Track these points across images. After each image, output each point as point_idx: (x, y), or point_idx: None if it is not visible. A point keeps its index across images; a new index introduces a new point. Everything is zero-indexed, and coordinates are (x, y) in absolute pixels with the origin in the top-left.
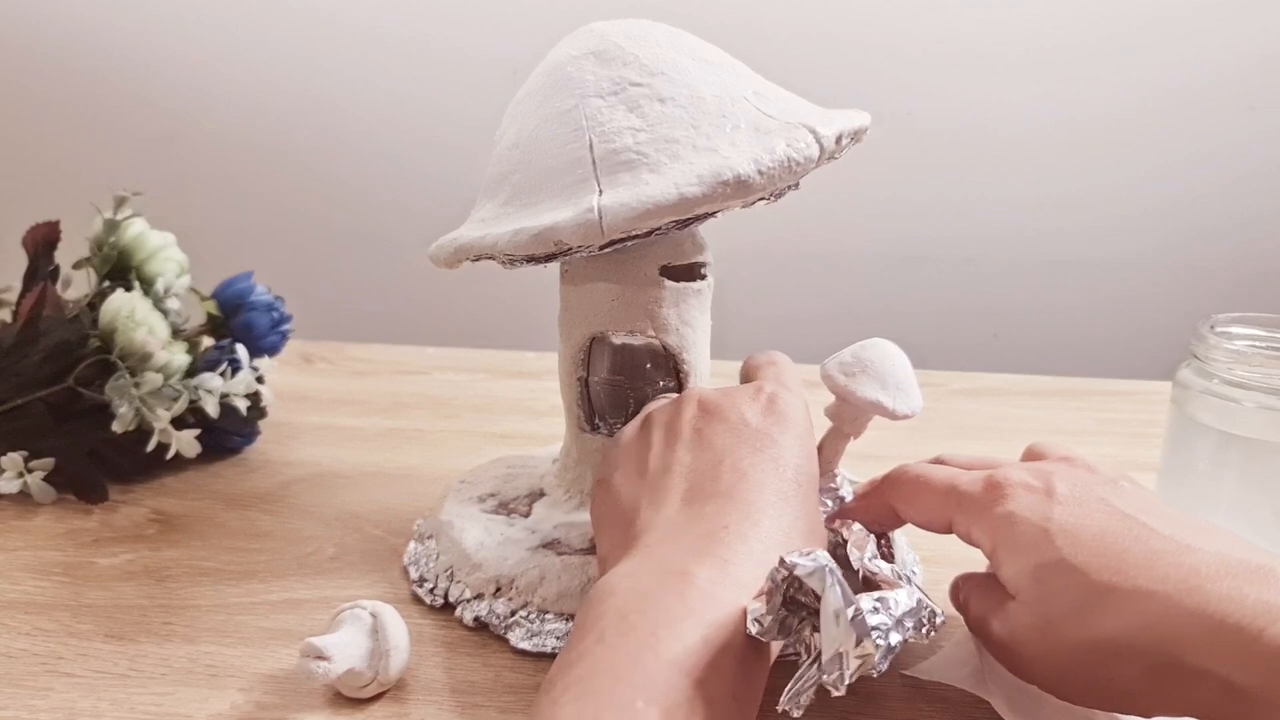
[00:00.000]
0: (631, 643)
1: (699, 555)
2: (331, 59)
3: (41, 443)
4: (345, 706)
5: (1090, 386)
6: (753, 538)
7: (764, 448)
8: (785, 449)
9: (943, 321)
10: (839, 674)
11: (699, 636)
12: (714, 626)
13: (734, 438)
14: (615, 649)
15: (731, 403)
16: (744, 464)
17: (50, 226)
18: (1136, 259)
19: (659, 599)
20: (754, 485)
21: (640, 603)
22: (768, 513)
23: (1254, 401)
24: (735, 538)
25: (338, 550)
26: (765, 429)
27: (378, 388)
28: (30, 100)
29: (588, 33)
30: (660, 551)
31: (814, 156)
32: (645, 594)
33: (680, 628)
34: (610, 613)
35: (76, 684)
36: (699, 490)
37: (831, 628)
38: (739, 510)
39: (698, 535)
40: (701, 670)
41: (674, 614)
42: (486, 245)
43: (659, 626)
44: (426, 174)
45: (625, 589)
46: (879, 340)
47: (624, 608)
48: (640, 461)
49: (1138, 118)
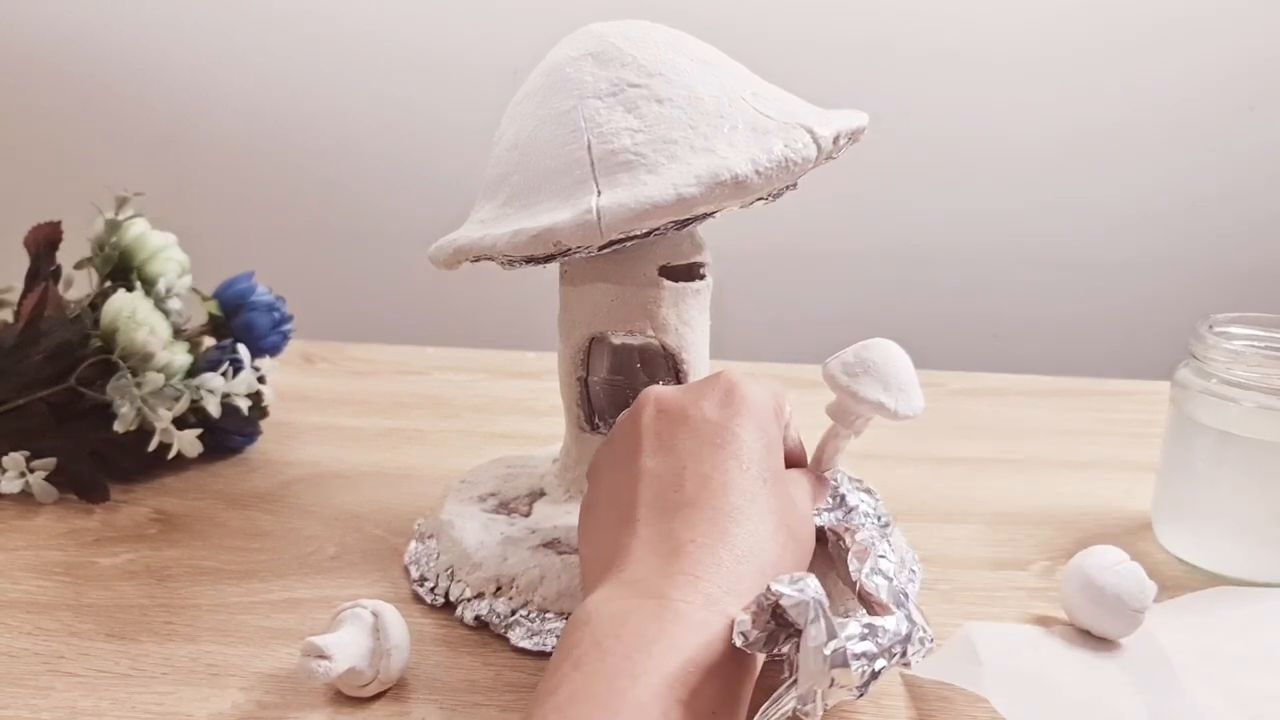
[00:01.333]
0: (607, 668)
1: (669, 575)
2: (331, 60)
3: (43, 442)
4: (346, 705)
5: (1090, 386)
6: (721, 549)
7: (725, 444)
8: (746, 443)
9: (943, 321)
10: (814, 705)
11: (675, 658)
12: (689, 647)
13: (694, 439)
14: (591, 676)
15: (690, 399)
16: (705, 467)
17: (52, 227)
18: (1136, 259)
19: (633, 623)
20: (718, 489)
21: (615, 628)
22: (734, 518)
23: (1252, 401)
24: (703, 551)
25: (338, 550)
26: (725, 423)
27: (378, 388)
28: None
29: (586, 34)
30: (631, 574)
31: (811, 157)
32: (619, 619)
33: (655, 650)
34: (586, 640)
35: (78, 683)
36: (665, 502)
37: (810, 663)
38: (705, 520)
39: (666, 553)
40: (679, 692)
41: (648, 637)
42: (486, 246)
43: (634, 651)
44: (426, 175)
45: (599, 615)
46: (882, 340)
47: (599, 634)
48: (610, 479)
49: (1137, 118)
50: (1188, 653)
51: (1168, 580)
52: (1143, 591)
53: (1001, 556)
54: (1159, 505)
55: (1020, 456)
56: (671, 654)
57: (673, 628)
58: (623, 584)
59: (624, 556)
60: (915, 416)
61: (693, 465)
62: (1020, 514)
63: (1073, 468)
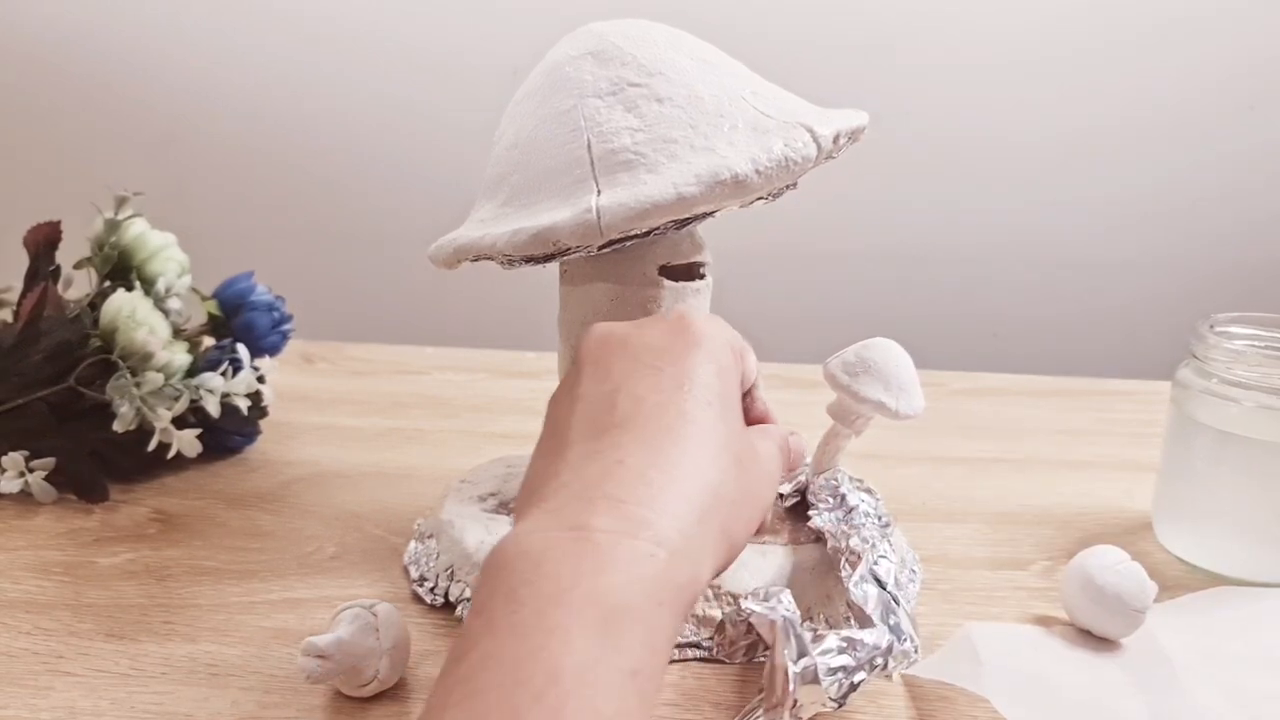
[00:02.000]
0: (518, 625)
1: (592, 502)
2: (331, 60)
3: (42, 442)
4: (345, 706)
5: (1090, 386)
6: (651, 470)
7: (664, 366)
8: (693, 365)
9: (943, 321)
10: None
11: (591, 606)
12: (608, 590)
13: (632, 361)
14: (502, 637)
15: (635, 327)
16: (641, 388)
17: (51, 226)
18: (1136, 259)
19: (548, 566)
20: (652, 409)
21: (529, 573)
22: (669, 437)
23: (1253, 401)
24: (632, 475)
25: (338, 550)
26: (668, 347)
27: (378, 388)
28: (31, 101)
29: (586, 33)
30: (552, 504)
31: (811, 156)
32: (535, 561)
33: (569, 598)
34: (499, 589)
35: (77, 683)
36: (594, 425)
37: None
38: (634, 440)
39: (591, 477)
40: (595, 649)
41: (564, 583)
42: (485, 245)
43: (548, 603)
44: (426, 175)
45: (514, 556)
46: (882, 340)
47: (513, 580)
48: (551, 411)
49: (1138, 117)
50: (1188, 653)
51: (1168, 580)
52: (1143, 591)
53: (1001, 556)
54: (1159, 505)
55: (1020, 456)
56: (590, 602)
57: (591, 568)
58: (543, 514)
59: (549, 484)
60: (916, 416)
61: (627, 387)
62: (1020, 514)
63: (1073, 468)
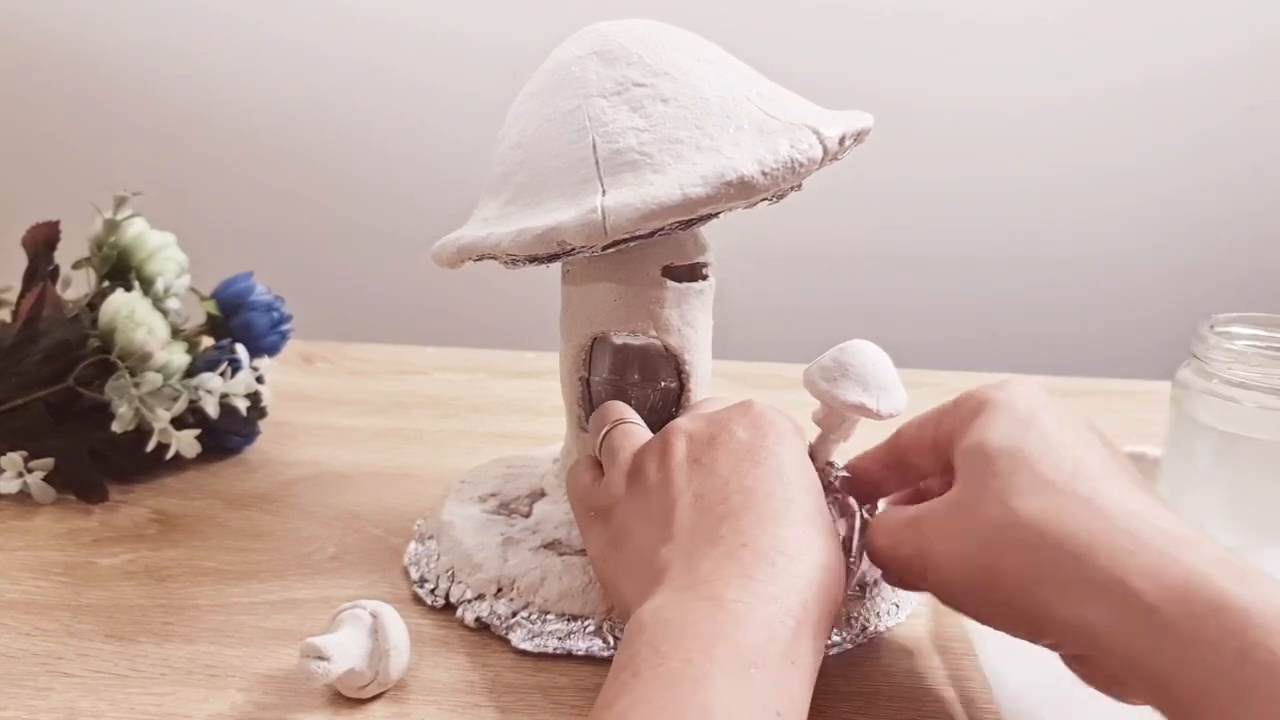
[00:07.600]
0: (665, 673)
1: (723, 577)
2: (332, 59)
3: (41, 442)
4: (345, 707)
5: (1090, 386)
6: (772, 551)
7: (763, 460)
8: (784, 459)
9: (942, 320)
10: None
11: (736, 659)
12: (748, 646)
13: (732, 458)
14: (650, 681)
15: (720, 427)
16: (748, 480)
17: (50, 226)
18: (1136, 259)
19: (690, 626)
20: (762, 499)
21: (671, 633)
22: (781, 523)
23: (1254, 401)
24: (755, 555)
25: (338, 550)
26: (759, 442)
27: (377, 388)
28: (30, 100)
29: (591, 33)
30: (684, 581)
31: (817, 158)
32: (675, 624)
33: (714, 652)
34: (643, 648)
35: (76, 684)
36: (710, 515)
37: None
38: (754, 526)
39: (718, 558)
40: (739, 691)
41: (705, 639)
42: (490, 245)
43: (692, 654)
44: (427, 174)
45: (654, 623)
46: (858, 342)
47: (655, 640)
48: (644, 504)
49: (1137, 118)
50: None
51: None
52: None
53: None
54: None
55: None
56: (730, 656)
57: (731, 628)
58: (676, 590)
59: (669, 569)
60: (899, 414)
61: (735, 481)
62: None
63: None
